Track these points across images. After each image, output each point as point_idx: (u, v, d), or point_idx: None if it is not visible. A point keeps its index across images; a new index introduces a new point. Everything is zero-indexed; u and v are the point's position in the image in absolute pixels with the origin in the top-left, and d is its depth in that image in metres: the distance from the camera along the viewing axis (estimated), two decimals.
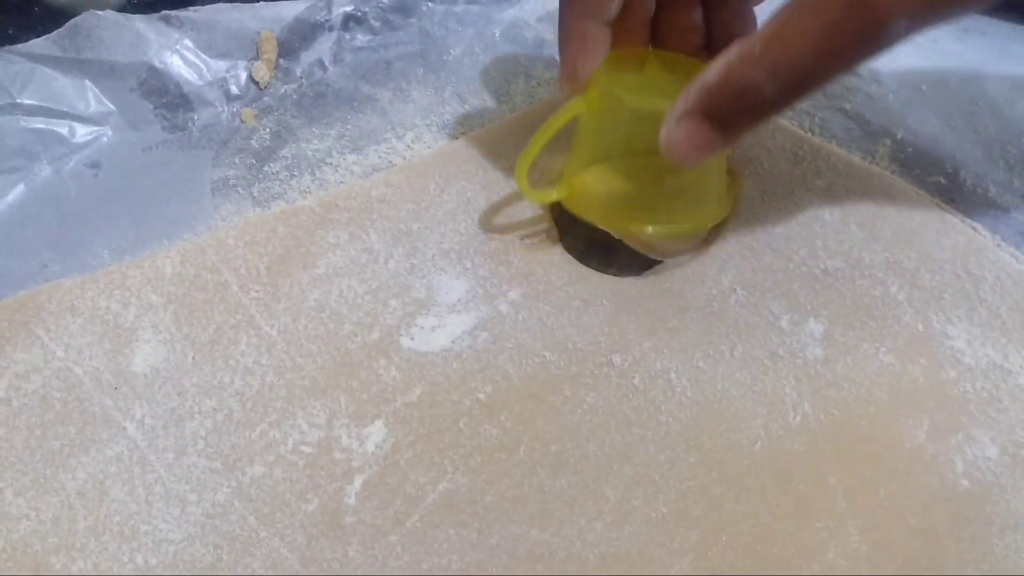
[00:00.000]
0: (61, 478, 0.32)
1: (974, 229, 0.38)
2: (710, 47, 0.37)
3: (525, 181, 0.35)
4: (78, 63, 0.41)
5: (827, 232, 0.38)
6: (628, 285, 0.37)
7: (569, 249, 0.38)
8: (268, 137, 0.42)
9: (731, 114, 0.28)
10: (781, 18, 0.27)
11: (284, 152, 0.42)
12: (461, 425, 0.33)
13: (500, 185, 0.40)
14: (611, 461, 0.32)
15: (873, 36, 0.25)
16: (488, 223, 0.38)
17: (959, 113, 0.42)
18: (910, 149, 0.42)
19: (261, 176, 0.41)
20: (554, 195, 0.37)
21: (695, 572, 0.30)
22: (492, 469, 0.32)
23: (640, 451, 0.32)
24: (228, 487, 0.31)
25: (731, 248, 0.38)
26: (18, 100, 0.40)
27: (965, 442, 0.33)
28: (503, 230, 0.38)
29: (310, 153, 0.42)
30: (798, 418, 0.33)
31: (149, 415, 0.33)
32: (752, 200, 0.39)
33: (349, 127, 0.43)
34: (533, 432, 0.33)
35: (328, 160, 0.41)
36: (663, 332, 0.35)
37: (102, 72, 0.42)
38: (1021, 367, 0.34)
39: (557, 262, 0.37)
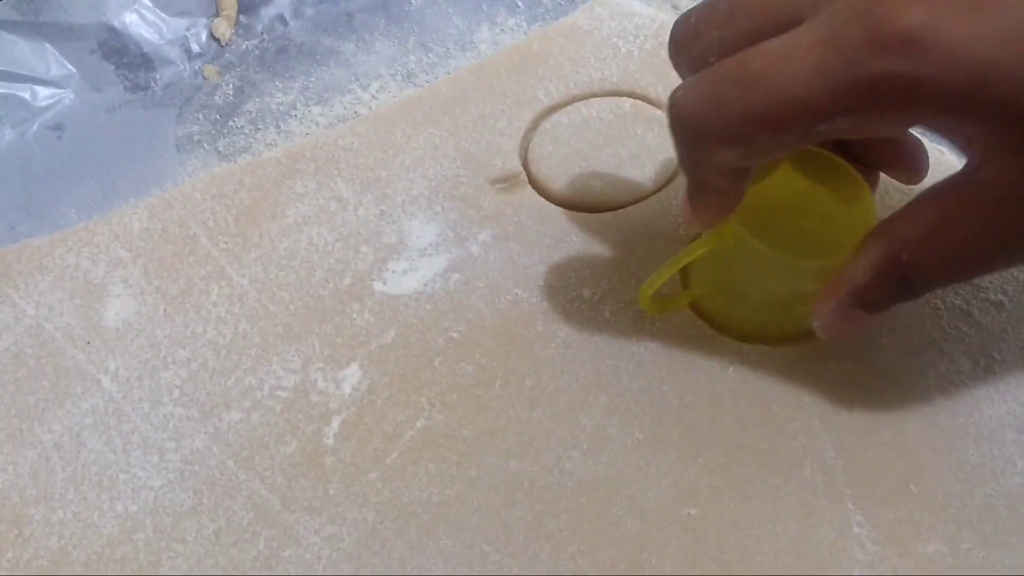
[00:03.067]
0: (37, 432, 0.32)
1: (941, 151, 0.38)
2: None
3: (649, 303, 0.33)
4: (37, 26, 0.41)
5: None
6: (596, 220, 0.37)
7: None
8: (231, 93, 0.42)
9: (882, 300, 0.29)
10: (929, 215, 0.26)
11: (248, 107, 0.41)
12: (436, 364, 0.33)
13: (468, 131, 0.39)
14: (585, 391, 0.32)
15: None
16: (456, 168, 0.38)
17: None
18: None
19: (226, 131, 0.41)
20: (679, 304, 0.34)
21: (673, 494, 0.30)
22: (469, 405, 0.32)
23: (613, 381, 0.32)
24: (205, 433, 0.32)
25: None
26: None
27: (937, 357, 0.33)
28: (472, 175, 0.38)
29: (274, 107, 0.41)
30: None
31: (123, 367, 0.33)
32: None
33: (313, 80, 0.42)
34: (508, 367, 0.33)
35: (293, 113, 0.41)
36: (631, 263, 0.35)
37: (61, 35, 0.41)
38: (991, 282, 0.35)
39: (527, 203, 0.37)
